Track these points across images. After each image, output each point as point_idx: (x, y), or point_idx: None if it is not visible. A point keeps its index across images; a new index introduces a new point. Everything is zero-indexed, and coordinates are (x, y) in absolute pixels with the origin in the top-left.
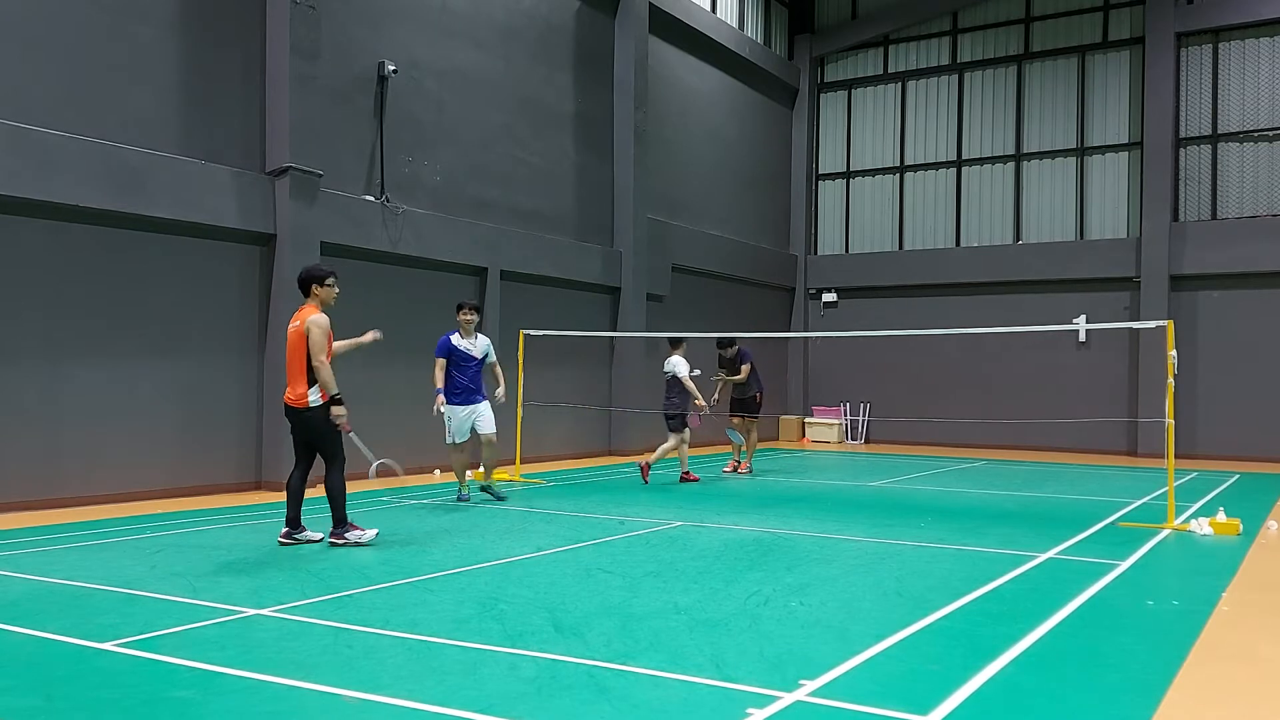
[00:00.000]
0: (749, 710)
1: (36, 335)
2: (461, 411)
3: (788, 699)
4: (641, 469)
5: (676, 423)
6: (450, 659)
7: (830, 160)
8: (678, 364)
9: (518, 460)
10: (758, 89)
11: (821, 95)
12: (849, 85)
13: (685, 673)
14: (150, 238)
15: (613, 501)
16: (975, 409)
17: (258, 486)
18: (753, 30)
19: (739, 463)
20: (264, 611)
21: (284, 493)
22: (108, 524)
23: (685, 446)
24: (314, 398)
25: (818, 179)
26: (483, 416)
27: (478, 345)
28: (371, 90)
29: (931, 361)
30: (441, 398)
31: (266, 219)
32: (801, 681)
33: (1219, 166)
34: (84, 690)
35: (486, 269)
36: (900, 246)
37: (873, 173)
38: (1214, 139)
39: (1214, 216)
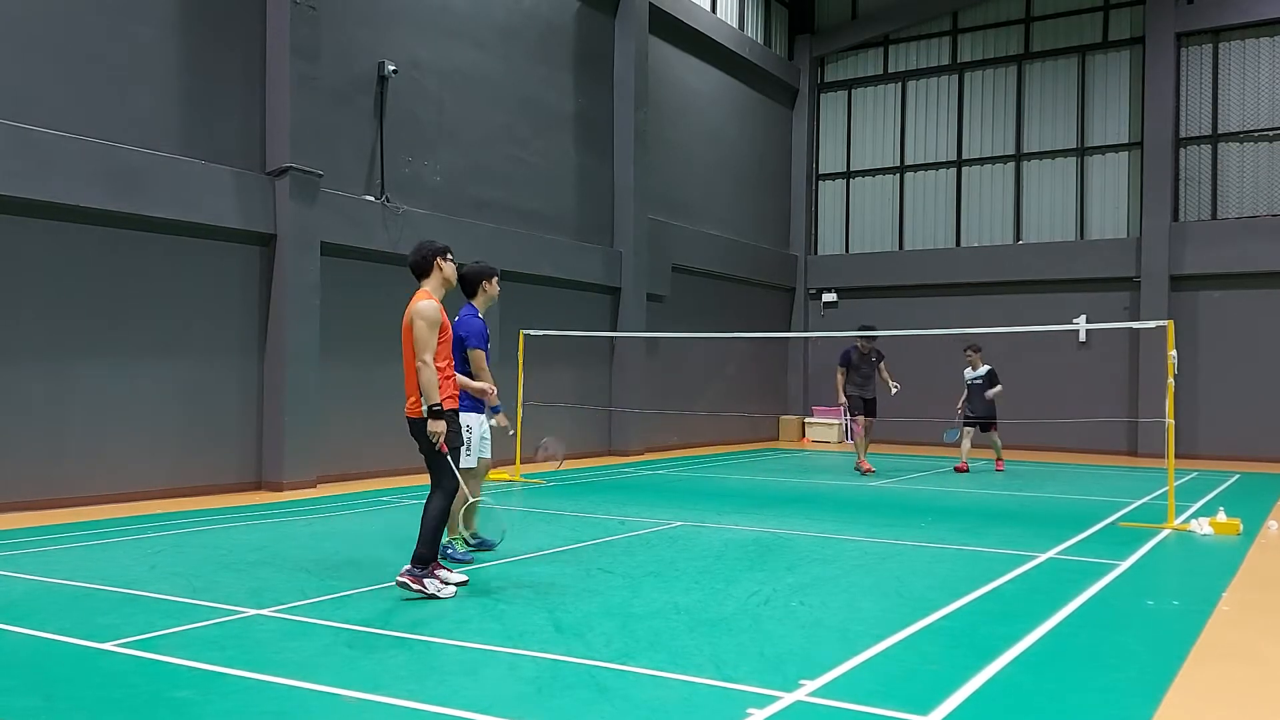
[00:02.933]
0: (749, 710)
1: (37, 336)
2: (475, 419)
3: (788, 699)
4: (961, 468)
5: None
6: (451, 659)
7: (830, 160)
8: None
9: (518, 460)
10: (758, 89)
11: (821, 95)
12: (849, 85)
13: (686, 673)
14: (151, 238)
15: (613, 501)
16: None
17: (258, 486)
18: (753, 30)
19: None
20: (264, 611)
21: (283, 492)
22: (108, 524)
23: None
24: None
25: (818, 179)
26: (488, 432)
27: None
28: (371, 90)
29: (931, 361)
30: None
31: (267, 219)
32: (802, 681)
33: (1219, 166)
34: (84, 690)
35: None
36: (900, 246)
37: (873, 173)
38: (1214, 139)
39: (1214, 216)
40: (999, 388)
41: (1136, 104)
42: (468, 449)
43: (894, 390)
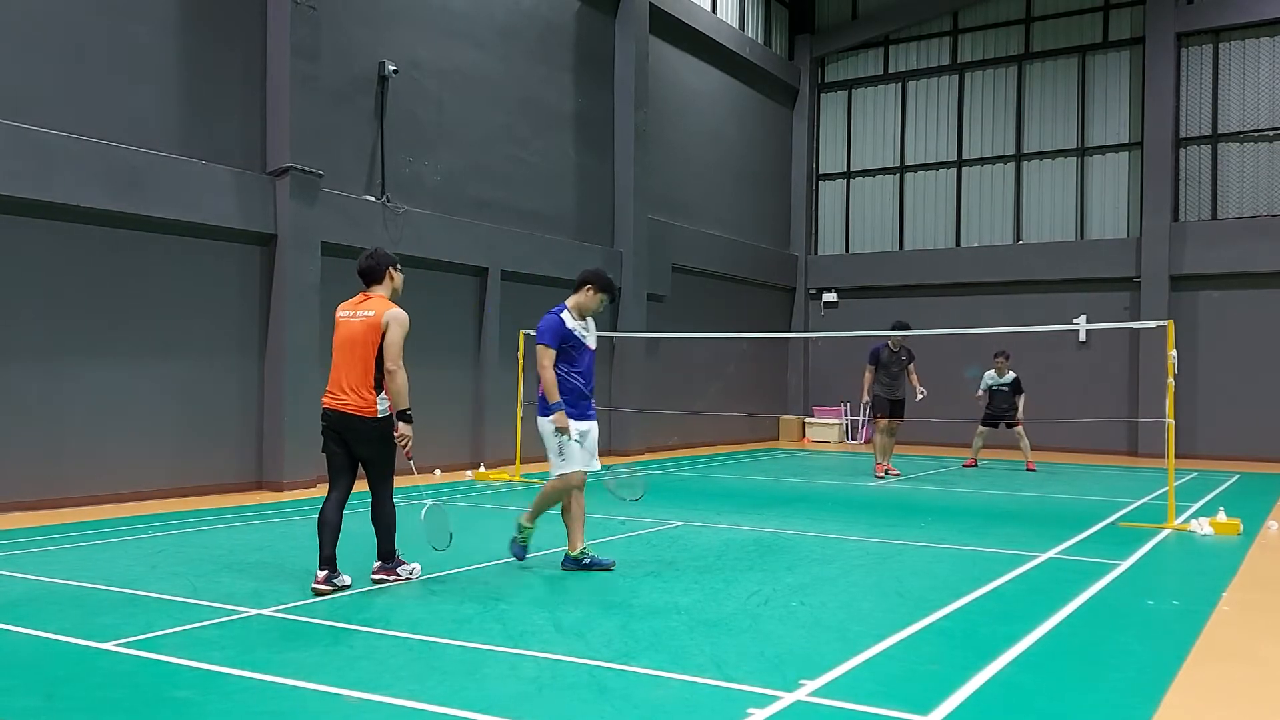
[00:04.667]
0: (749, 710)
1: (37, 335)
2: (585, 425)
3: (788, 699)
4: (1029, 466)
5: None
6: (451, 659)
7: (830, 160)
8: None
9: (518, 460)
10: (758, 89)
11: (822, 95)
12: (849, 85)
13: (686, 673)
14: (150, 238)
15: (613, 502)
16: (975, 409)
17: (258, 486)
18: (753, 30)
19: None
20: (264, 611)
21: (283, 492)
22: (108, 524)
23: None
24: (383, 407)
25: (818, 179)
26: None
27: (592, 332)
28: (371, 90)
29: (931, 361)
30: (565, 419)
31: (267, 219)
32: (802, 681)
33: (1219, 166)
34: (84, 690)
35: (487, 269)
36: (900, 246)
37: (873, 173)
38: (1214, 139)
39: (1214, 216)
40: (1024, 396)
41: (1136, 104)
42: (561, 455)
43: (920, 396)
